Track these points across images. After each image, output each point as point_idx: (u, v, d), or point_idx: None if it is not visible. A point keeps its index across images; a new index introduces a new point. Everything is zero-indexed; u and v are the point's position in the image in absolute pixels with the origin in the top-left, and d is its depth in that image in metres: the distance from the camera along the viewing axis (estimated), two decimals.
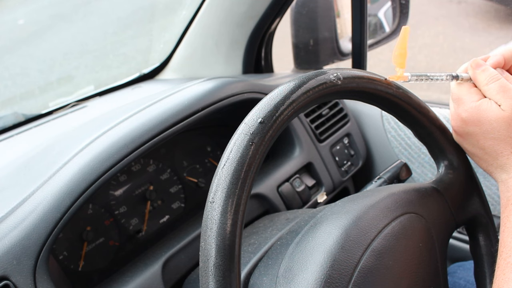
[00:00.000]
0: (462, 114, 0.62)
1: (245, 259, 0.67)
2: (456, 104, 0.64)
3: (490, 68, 0.62)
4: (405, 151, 1.21)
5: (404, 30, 0.60)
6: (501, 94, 0.60)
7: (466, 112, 0.62)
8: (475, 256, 0.69)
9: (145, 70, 1.44)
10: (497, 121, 0.60)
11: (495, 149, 0.61)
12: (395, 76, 0.62)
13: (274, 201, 1.00)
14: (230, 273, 0.46)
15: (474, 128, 0.62)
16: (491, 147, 0.61)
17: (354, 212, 0.59)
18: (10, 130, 1.14)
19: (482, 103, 0.61)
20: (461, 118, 0.63)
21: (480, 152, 0.63)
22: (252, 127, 0.50)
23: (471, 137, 0.63)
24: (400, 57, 0.61)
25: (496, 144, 0.61)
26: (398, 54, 0.61)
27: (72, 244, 0.85)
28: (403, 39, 0.60)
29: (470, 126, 0.62)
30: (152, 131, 0.81)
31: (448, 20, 4.24)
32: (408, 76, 0.62)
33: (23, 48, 4.23)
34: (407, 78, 0.62)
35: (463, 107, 0.62)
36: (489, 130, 0.60)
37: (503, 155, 0.61)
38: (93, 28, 4.53)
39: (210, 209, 0.47)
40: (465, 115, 0.62)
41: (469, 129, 0.62)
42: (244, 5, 1.25)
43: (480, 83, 0.62)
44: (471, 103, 0.62)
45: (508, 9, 3.92)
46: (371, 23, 1.47)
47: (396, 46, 0.61)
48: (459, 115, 0.63)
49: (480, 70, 0.62)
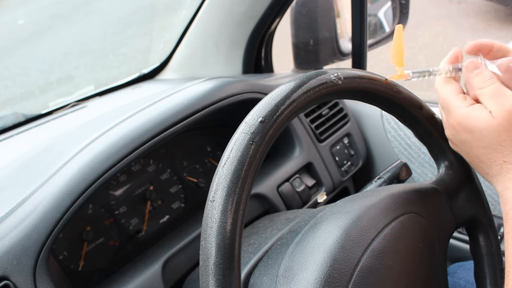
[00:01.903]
0: (452, 122, 0.60)
1: (245, 259, 0.67)
2: (445, 112, 0.62)
3: (485, 70, 0.59)
4: (405, 151, 1.21)
5: (398, 28, 0.59)
6: (494, 99, 0.57)
7: (456, 120, 0.59)
8: (475, 256, 0.69)
9: (145, 70, 1.44)
10: (487, 128, 0.57)
11: (488, 157, 0.58)
12: (396, 75, 0.61)
13: (274, 201, 1.00)
14: (230, 272, 0.46)
15: (466, 136, 0.59)
16: (484, 156, 0.58)
17: (354, 212, 0.59)
18: (10, 130, 1.14)
19: (472, 110, 0.58)
20: (452, 126, 0.60)
21: (475, 161, 0.60)
22: (252, 126, 0.50)
23: (465, 145, 0.60)
24: (397, 56, 0.60)
25: (489, 152, 0.58)
26: (395, 53, 0.60)
27: (72, 244, 0.85)
28: (397, 37, 0.60)
29: (462, 134, 0.59)
30: (152, 131, 0.81)
31: (448, 20, 4.24)
32: (409, 74, 0.61)
33: (23, 48, 4.23)
34: (408, 76, 0.61)
35: (453, 114, 0.60)
36: (480, 138, 0.58)
37: (496, 164, 0.58)
38: (93, 28, 4.53)
39: (211, 208, 0.47)
40: (456, 123, 0.59)
41: (462, 137, 0.60)
42: (244, 5, 1.25)
43: (474, 86, 0.59)
44: (460, 109, 0.59)
45: (508, 9, 3.92)
46: (371, 23, 1.47)
47: (392, 46, 0.60)
48: (450, 123, 0.61)
49: (474, 74, 0.59)
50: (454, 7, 4.37)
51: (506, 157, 0.57)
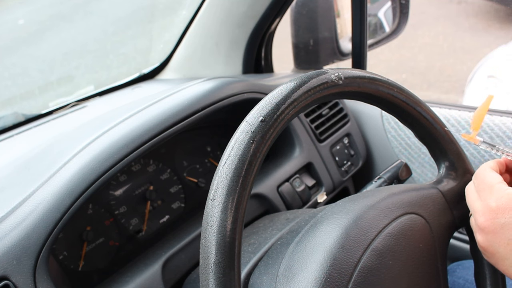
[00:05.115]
0: (493, 204, 0.55)
1: (245, 258, 0.67)
2: (485, 194, 0.57)
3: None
4: (405, 151, 1.21)
5: (489, 97, 0.62)
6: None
7: (500, 200, 0.55)
8: (475, 256, 0.69)
9: (145, 70, 1.44)
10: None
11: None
12: (468, 135, 0.63)
13: (274, 201, 1.00)
14: (230, 271, 0.46)
15: (509, 217, 0.54)
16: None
17: (354, 212, 0.59)
18: (10, 130, 1.14)
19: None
20: (491, 209, 0.55)
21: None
22: (253, 125, 0.50)
23: (505, 230, 0.54)
24: (478, 120, 0.62)
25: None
26: (476, 117, 0.62)
27: (72, 244, 0.85)
28: (485, 104, 0.62)
29: (504, 215, 0.54)
30: (152, 131, 0.81)
31: (448, 20, 4.24)
32: (480, 141, 0.63)
33: (23, 48, 4.23)
34: (478, 142, 0.63)
35: (496, 195, 0.56)
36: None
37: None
38: (93, 28, 4.53)
39: (211, 207, 0.47)
40: (498, 204, 0.55)
41: (503, 219, 0.54)
42: (244, 5, 1.25)
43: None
44: (506, 190, 0.55)
45: (508, 9, 3.93)
46: (371, 23, 1.47)
47: (477, 110, 0.62)
48: (490, 206, 0.56)
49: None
50: (454, 7, 4.38)
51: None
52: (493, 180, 0.58)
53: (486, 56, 2.25)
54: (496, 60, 2.17)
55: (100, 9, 5.03)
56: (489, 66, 2.16)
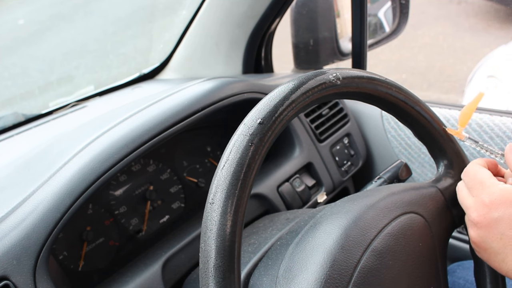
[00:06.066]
0: (485, 198, 0.56)
1: (245, 259, 0.67)
2: (477, 190, 0.58)
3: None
4: (405, 151, 1.21)
5: (479, 95, 0.62)
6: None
7: (492, 195, 0.55)
8: (475, 256, 0.69)
9: (145, 70, 1.44)
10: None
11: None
12: (454, 130, 0.64)
13: (274, 201, 1.00)
14: (230, 274, 0.46)
15: (504, 211, 0.54)
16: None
17: (354, 212, 0.59)
18: (10, 130, 1.14)
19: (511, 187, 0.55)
20: (484, 204, 0.56)
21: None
22: (251, 128, 0.50)
23: (498, 224, 0.55)
24: (465, 116, 0.63)
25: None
26: (465, 113, 0.63)
27: (72, 244, 0.85)
28: (475, 101, 0.62)
29: (497, 210, 0.55)
30: (152, 131, 0.81)
31: (448, 20, 4.24)
32: (466, 136, 0.64)
33: (23, 48, 4.23)
34: (463, 137, 0.64)
35: (488, 190, 0.56)
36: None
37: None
38: (93, 28, 4.53)
39: (210, 210, 0.47)
40: (491, 199, 0.55)
41: (496, 214, 0.55)
42: (244, 5, 1.25)
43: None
44: (498, 185, 0.56)
45: (508, 9, 3.93)
46: (371, 23, 1.47)
47: (466, 106, 0.63)
48: (482, 201, 0.56)
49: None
50: (454, 7, 4.38)
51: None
52: (484, 175, 0.59)
53: (486, 56, 2.25)
54: (496, 60, 2.17)
55: (100, 9, 5.03)
56: (489, 66, 2.16)
